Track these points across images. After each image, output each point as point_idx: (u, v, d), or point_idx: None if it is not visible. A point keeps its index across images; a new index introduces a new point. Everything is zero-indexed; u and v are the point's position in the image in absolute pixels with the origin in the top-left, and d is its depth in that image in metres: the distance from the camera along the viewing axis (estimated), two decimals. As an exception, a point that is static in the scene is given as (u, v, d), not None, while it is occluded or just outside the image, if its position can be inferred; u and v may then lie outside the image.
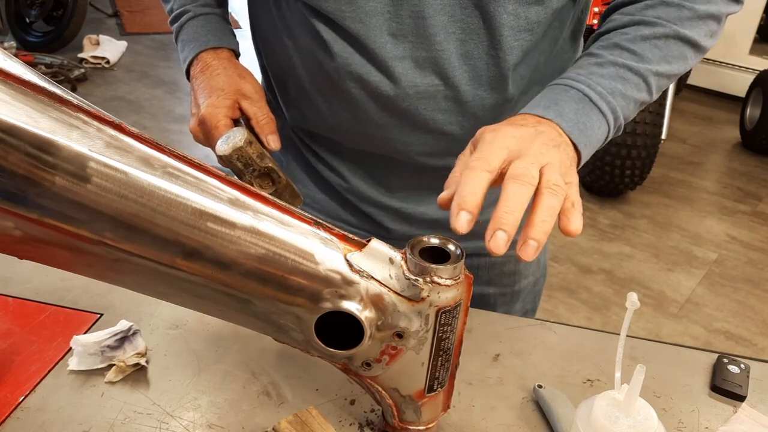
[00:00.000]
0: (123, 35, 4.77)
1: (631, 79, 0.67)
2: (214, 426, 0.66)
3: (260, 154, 0.70)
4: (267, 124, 0.75)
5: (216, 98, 0.74)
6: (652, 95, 0.70)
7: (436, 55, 0.70)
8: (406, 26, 0.69)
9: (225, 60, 0.79)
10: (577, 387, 0.74)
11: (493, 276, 0.95)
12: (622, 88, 0.66)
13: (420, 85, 0.72)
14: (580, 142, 0.62)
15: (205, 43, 0.80)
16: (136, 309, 0.80)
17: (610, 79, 0.66)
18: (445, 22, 0.69)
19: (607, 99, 0.65)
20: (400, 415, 0.61)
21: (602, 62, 0.67)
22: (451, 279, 0.52)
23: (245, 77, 0.78)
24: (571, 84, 0.65)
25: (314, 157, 0.89)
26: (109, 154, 0.44)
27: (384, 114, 0.76)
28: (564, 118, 0.62)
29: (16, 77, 0.42)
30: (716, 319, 2.36)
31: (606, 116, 0.65)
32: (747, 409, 0.71)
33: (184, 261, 0.48)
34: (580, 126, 0.62)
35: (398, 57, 0.71)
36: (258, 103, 0.76)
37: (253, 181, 0.71)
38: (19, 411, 0.66)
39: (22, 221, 0.44)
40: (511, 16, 0.68)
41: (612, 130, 0.67)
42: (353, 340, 0.54)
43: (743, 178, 3.50)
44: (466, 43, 0.70)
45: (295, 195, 0.75)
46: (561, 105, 0.63)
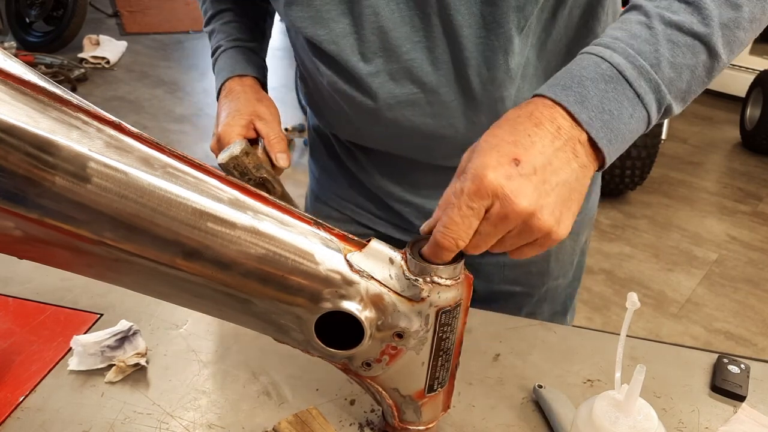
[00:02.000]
0: (123, 35, 4.77)
1: (683, 41, 0.54)
2: (214, 426, 0.66)
3: (257, 165, 0.76)
4: (277, 143, 0.80)
5: (232, 118, 0.81)
6: (720, 57, 0.55)
7: (407, 66, 0.71)
8: (372, 43, 0.70)
9: (248, 86, 0.86)
10: (578, 387, 0.74)
11: (520, 275, 0.94)
12: (671, 56, 0.53)
13: (399, 95, 0.73)
14: (602, 139, 0.52)
15: (231, 71, 0.88)
16: (136, 309, 0.80)
17: (656, 44, 0.53)
18: (408, 32, 0.69)
19: (648, 75, 0.53)
20: (401, 415, 0.60)
21: (648, 21, 0.54)
22: (451, 279, 0.52)
23: (262, 101, 0.85)
24: (605, 55, 0.54)
25: (345, 153, 0.91)
26: (109, 154, 0.44)
27: (378, 125, 0.77)
28: (585, 107, 0.52)
29: (16, 77, 0.42)
30: (716, 319, 2.36)
31: (643, 99, 0.53)
32: (747, 409, 0.71)
33: (184, 261, 0.48)
34: (605, 116, 0.52)
35: (372, 73, 0.72)
36: (271, 124, 0.82)
37: None
38: (19, 411, 0.66)
39: (22, 221, 0.44)
40: (465, 16, 0.67)
41: (654, 114, 0.55)
42: (353, 340, 0.54)
43: (743, 178, 3.50)
44: (432, 50, 0.70)
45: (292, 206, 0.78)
46: (585, 86, 0.53)
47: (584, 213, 0.93)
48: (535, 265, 0.93)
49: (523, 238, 0.53)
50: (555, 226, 0.52)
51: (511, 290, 0.95)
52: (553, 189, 0.51)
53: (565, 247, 0.93)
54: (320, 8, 0.69)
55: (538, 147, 0.51)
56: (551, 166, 0.51)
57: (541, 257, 0.92)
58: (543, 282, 0.96)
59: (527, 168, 0.51)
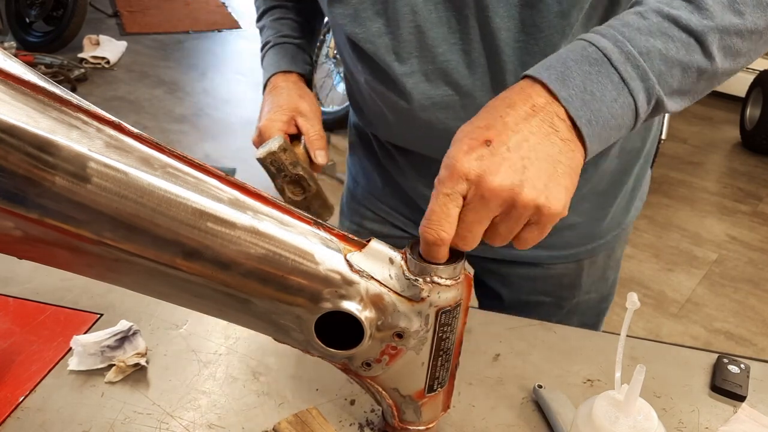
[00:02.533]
0: (123, 35, 4.77)
1: (678, 36, 0.52)
2: (214, 426, 0.66)
3: (293, 162, 0.76)
4: (317, 140, 0.82)
5: (274, 113, 0.82)
6: (715, 60, 0.54)
7: (443, 67, 0.70)
8: (408, 42, 0.70)
9: (291, 82, 0.87)
10: (577, 387, 0.74)
11: (550, 287, 0.93)
12: (663, 48, 0.52)
13: (434, 97, 0.72)
14: (580, 118, 0.51)
15: (277, 68, 0.89)
16: (136, 309, 0.80)
17: (649, 34, 0.52)
18: (444, 33, 0.69)
19: (635, 62, 0.52)
20: (400, 415, 0.60)
21: (644, 11, 0.54)
22: (451, 279, 0.52)
23: (304, 97, 0.85)
24: (594, 40, 0.53)
25: (383, 153, 0.92)
26: (109, 154, 0.44)
27: (413, 127, 0.77)
28: (566, 85, 0.51)
29: (16, 77, 0.42)
30: (716, 319, 2.36)
31: (629, 84, 0.52)
32: (747, 409, 0.71)
33: (184, 261, 0.48)
34: (585, 96, 0.51)
35: (406, 73, 0.71)
36: (311, 121, 0.83)
37: (284, 186, 0.77)
38: (19, 411, 0.66)
39: (22, 221, 0.44)
40: (504, 19, 0.66)
41: (642, 103, 0.53)
42: (353, 340, 0.54)
43: (743, 178, 3.50)
44: (469, 53, 0.69)
45: (326, 206, 0.80)
46: (569, 67, 0.52)
47: (620, 227, 0.92)
48: (567, 277, 0.92)
49: (513, 221, 0.51)
50: (543, 200, 0.49)
51: (540, 300, 0.94)
52: (532, 163, 0.49)
53: (597, 261, 0.92)
54: (357, 6, 0.69)
55: (511, 126, 0.50)
56: (527, 143, 0.50)
57: (572, 269, 0.91)
58: (573, 295, 0.95)
59: (500, 147, 0.49)
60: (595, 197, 0.85)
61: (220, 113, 3.72)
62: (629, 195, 0.90)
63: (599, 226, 0.89)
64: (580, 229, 0.88)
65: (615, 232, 0.91)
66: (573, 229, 0.87)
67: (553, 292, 0.94)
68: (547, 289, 0.93)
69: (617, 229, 0.91)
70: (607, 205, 0.87)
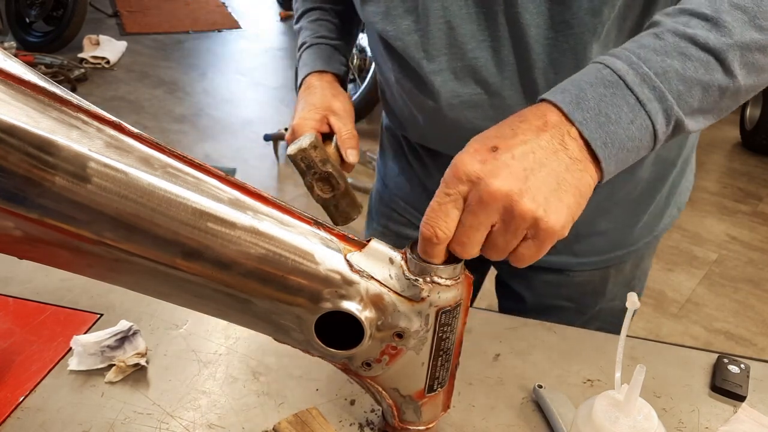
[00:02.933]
0: (123, 35, 4.78)
1: (696, 55, 0.51)
2: (214, 426, 0.66)
3: (323, 159, 0.76)
4: (349, 139, 0.82)
5: (307, 112, 0.83)
6: (736, 77, 0.52)
7: (471, 64, 0.70)
8: (438, 39, 0.70)
9: (326, 82, 0.88)
10: (577, 387, 0.74)
11: (574, 294, 0.93)
12: (681, 68, 0.51)
13: (462, 95, 0.72)
14: (595, 140, 0.50)
15: (312, 67, 0.90)
16: (136, 309, 0.80)
17: (665, 55, 0.51)
18: (474, 30, 0.68)
19: (652, 83, 0.51)
20: (400, 415, 0.60)
21: (659, 32, 0.53)
22: (451, 279, 0.52)
23: (338, 97, 0.86)
24: (608, 62, 0.52)
25: (413, 155, 0.92)
26: (109, 154, 0.44)
27: (441, 127, 0.77)
28: (580, 107, 0.51)
29: (16, 77, 0.42)
30: (716, 319, 2.36)
31: (646, 106, 0.51)
32: (747, 409, 0.71)
33: (184, 261, 0.48)
34: (600, 119, 0.50)
35: (435, 71, 0.72)
36: (344, 120, 0.83)
37: (313, 183, 0.78)
38: (20, 411, 0.66)
39: (22, 221, 0.44)
40: (533, 16, 0.65)
41: (661, 125, 0.52)
42: (353, 340, 0.54)
43: (743, 178, 3.50)
44: (498, 51, 0.69)
45: (354, 205, 0.80)
46: (583, 89, 0.51)
47: (652, 234, 0.90)
48: (591, 284, 0.92)
49: (510, 232, 0.50)
50: (541, 213, 0.48)
51: (562, 305, 0.94)
52: (535, 175, 0.49)
53: (624, 269, 0.92)
54: (388, 4, 0.70)
55: (520, 137, 0.50)
56: (534, 155, 0.49)
57: (598, 277, 0.91)
58: (597, 302, 0.94)
59: (505, 155, 0.49)
60: (628, 204, 0.85)
61: (220, 113, 3.72)
62: (663, 202, 0.89)
63: (630, 233, 0.88)
64: (610, 236, 0.87)
65: (646, 239, 0.90)
66: (603, 235, 0.87)
67: (577, 299, 0.93)
68: (571, 295, 0.93)
69: (648, 236, 0.90)
70: (640, 212, 0.87)
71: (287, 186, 3.07)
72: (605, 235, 0.87)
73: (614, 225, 0.86)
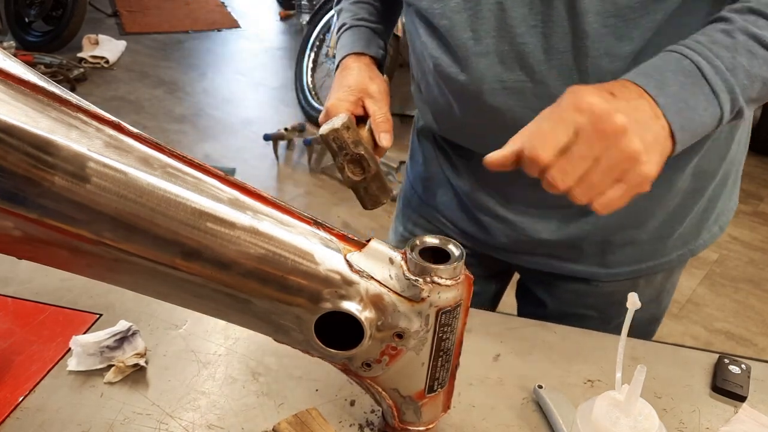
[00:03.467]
0: (122, 35, 4.77)
1: (761, 54, 0.57)
2: (213, 426, 0.66)
3: (355, 141, 0.75)
4: (383, 122, 0.80)
5: (342, 93, 0.82)
6: None
7: (519, 49, 0.69)
8: (487, 20, 0.69)
9: (363, 64, 0.87)
10: (578, 387, 0.74)
11: (599, 303, 0.92)
12: (748, 65, 0.57)
13: (506, 81, 0.71)
14: (675, 123, 0.56)
15: (350, 49, 0.89)
16: (136, 309, 0.80)
17: (735, 51, 0.57)
18: (525, 14, 0.67)
19: (724, 76, 0.57)
20: (401, 415, 0.60)
21: (730, 29, 0.58)
22: (451, 279, 0.52)
23: (374, 79, 0.84)
24: (686, 53, 0.57)
25: (444, 158, 0.91)
26: (109, 154, 0.44)
27: (479, 115, 0.75)
28: (664, 92, 0.56)
29: (15, 77, 0.42)
30: (717, 320, 2.36)
31: (719, 96, 0.57)
32: (748, 410, 0.71)
33: (184, 261, 0.48)
34: (680, 104, 0.56)
35: (481, 53, 0.71)
36: (379, 103, 0.82)
37: (344, 164, 0.76)
38: (19, 411, 0.66)
39: (21, 221, 0.43)
40: (594, 0, 0.64)
41: (727, 114, 0.58)
42: (353, 340, 0.53)
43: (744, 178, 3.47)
44: (549, 36, 0.67)
45: (384, 188, 0.78)
46: (666, 76, 0.56)
47: (686, 247, 0.88)
48: (618, 294, 0.89)
49: (610, 169, 0.53)
50: (644, 157, 0.53)
51: (585, 314, 0.93)
52: (643, 125, 0.54)
53: (654, 282, 0.91)
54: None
55: (627, 94, 0.55)
56: (641, 111, 0.54)
57: (626, 287, 0.88)
58: (621, 312, 0.92)
59: (622, 101, 0.54)
60: (665, 215, 0.83)
61: (220, 113, 3.72)
62: (701, 216, 0.86)
63: (664, 243, 0.86)
64: (644, 247, 0.86)
65: (680, 251, 0.88)
66: (637, 245, 0.85)
67: (601, 308, 0.92)
68: (596, 304, 0.92)
69: (683, 249, 0.88)
70: (675, 224, 0.85)
71: (287, 186, 3.07)
72: (639, 245, 0.85)
73: (648, 236, 0.85)
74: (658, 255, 0.87)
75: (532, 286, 0.98)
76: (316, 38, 3.61)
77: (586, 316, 0.93)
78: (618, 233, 0.84)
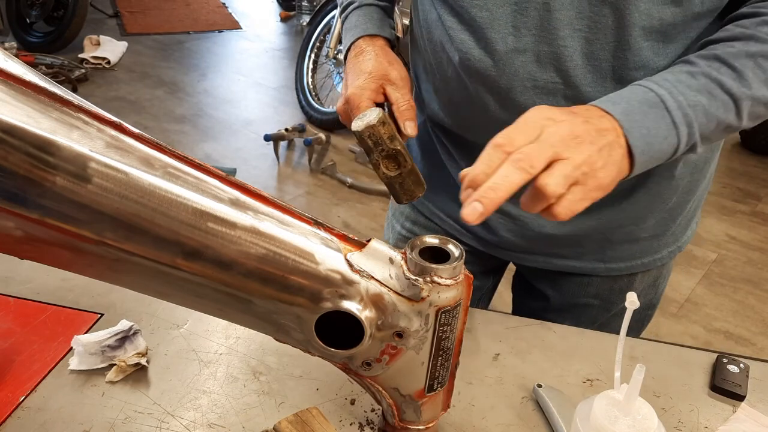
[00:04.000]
0: (124, 36, 4.77)
1: (720, 97, 0.62)
2: (214, 425, 0.66)
3: (391, 135, 0.73)
4: (407, 110, 0.78)
5: (363, 80, 0.78)
6: (742, 121, 0.64)
7: (558, 51, 0.68)
8: (531, 18, 0.68)
9: (378, 47, 0.83)
10: (577, 386, 0.74)
11: (602, 291, 0.93)
12: (707, 104, 0.62)
13: (539, 80, 0.70)
14: (636, 147, 0.59)
15: (363, 30, 0.85)
16: (137, 309, 0.81)
17: (697, 91, 0.61)
18: (572, 17, 0.66)
19: (685, 110, 0.61)
20: (401, 414, 0.61)
21: (695, 72, 0.62)
22: (451, 279, 0.52)
23: (393, 64, 0.81)
24: (652, 87, 0.62)
25: (446, 153, 0.90)
26: (110, 154, 0.44)
27: (503, 110, 0.74)
28: (628, 118, 0.59)
29: (16, 78, 0.42)
30: (716, 319, 2.36)
31: (678, 128, 0.61)
32: (746, 409, 0.71)
33: (185, 261, 0.48)
34: (642, 130, 0.59)
35: (519, 50, 0.69)
36: (401, 90, 0.79)
37: (380, 160, 0.74)
38: (20, 410, 0.66)
39: (23, 221, 0.44)
40: (643, 15, 0.64)
41: (683, 146, 0.62)
42: (353, 339, 0.54)
43: (743, 178, 3.50)
44: (592, 42, 0.67)
45: (419, 182, 0.77)
46: (632, 104, 0.60)
47: (675, 245, 0.91)
48: (620, 283, 0.92)
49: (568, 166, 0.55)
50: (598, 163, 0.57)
51: (589, 303, 0.94)
52: (593, 134, 0.57)
53: (653, 270, 0.92)
54: None
55: (584, 112, 0.59)
56: (593, 124, 0.58)
57: (626, 278, 0.91)
58: (623, 299, 0.92)
59: (571, 114, 0.58)
60: (663, 213, 0.84)
61: (220, 113, 3.72)
62: (690, 214, 0.89)
63: (659, 241, 0.88)
64: (642, 244, 0.87)
65: (670, 248, 0.90)
66: (635, 243, 0.86)
67: (605, 296, 0.93)
68: (599, 293, 0.93)
69: (672, 246, 0.90)
70: (670, 222, 0.86)
71: (287, 186, 3.07)
72: (637, 243, 0.86)
73: (647, 233, 0.86)
74: (653, 252, 0.89)
75: (534, 280, 0.98)
76: (317, 39, 3.61)
77: (590, 305, 0.94)
78: (618, 230, 0.84)
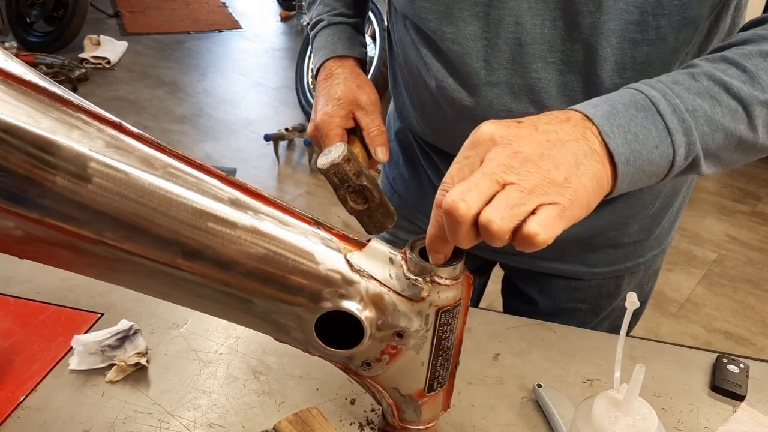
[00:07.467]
0: (124, 35, 4.77)
1: (726, 102, 0.52)
2: (214, 425, 0.66)
3: (357, 172, 0.71)
4: (377, 135, 0.77)
5: (331, 107, 0.77)
6: (758, 133, 0.54)
7: (532, 83, 0.68)
8: (502, 52, 0.67)
9: (348, 69, 0.82)
10: (577, 386, 0.74)
11: (589, 296, 0.93)
12: (709, 110, 0.51)
13: (515, 112, 0.70)
14: (619, 155, 0.49)
15: (332, 51, 0.84)
16: (137, 309, 0.81)
17: (697, 94, 0.51)
18: (544, 50, 0.66)
19: (681, 116, 0.51)
20: (401, 414, 0.61)
21: (696, 73, 0.53)
22: (450, 279, 0.52)
23: (363, 88, 0.80)
24: (642, 88, 0.52)
25: (426, 159, 0.89)
26: (110, 154, 0.44)
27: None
28: (610, 121, 0.49)
29: (17, 77, 0.42)
30: (716, 319, 2.36)
31: (672, 135, 0.50)
32: (746, 409, 0.71)
33: (185, 261, 0.48)
34: (628, 135, 0.49)
35: (492, 83, 0.69)
36: (371, 115, 0.78)
37: (347, 195, 0.73)
38: (20, 410, 0.66)
39: (23, 221, 0.44)
40: (615, 50, 0.62)
41: (680, 158, 0.51)
42: (353, 339, 0.54)
43: (743, 178, 3.50)
44: (565, 74, 0.66)
45: (388, 214, 0.76)
46: (616, 107, 0.50)
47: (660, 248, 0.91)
48: (607, 287, 0.91)
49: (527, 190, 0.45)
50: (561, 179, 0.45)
51: (577, 308, 0.94)
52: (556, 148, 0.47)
53: (639, 272, 0.92)
54: (451, 5, 0.66)
55: (544, 120, 0.49)
56: (556, 134, 0.48)
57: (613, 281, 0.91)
58: (611, 303, 0.94)
59: (529, 127, 0.48)
60: (645, 219, 0.84)
61: (220, 113, 3.72)
62: (673, 217, 0.89)
63: (643, 245, 0.88)
64: (625, 249, 0.87)
65: (655, 252, 0.91)
66: (618, 248, 0.87)
67: (593, 301, 0.93)
68: (586, 297, 0.93)
69: (657, 249, 0.91)
70: (654, 226, 0.86)
71: (287, 186, 3.07)
72: (620, 248, 0.86)
73: (630, 239, 0.86)
74: (637, 256, 0.89)
75: (521, 284, 0.98)
76: (317, 39, 3.61)
77: (578, 309, 0.94)
78: (601, 236, 0.84)
